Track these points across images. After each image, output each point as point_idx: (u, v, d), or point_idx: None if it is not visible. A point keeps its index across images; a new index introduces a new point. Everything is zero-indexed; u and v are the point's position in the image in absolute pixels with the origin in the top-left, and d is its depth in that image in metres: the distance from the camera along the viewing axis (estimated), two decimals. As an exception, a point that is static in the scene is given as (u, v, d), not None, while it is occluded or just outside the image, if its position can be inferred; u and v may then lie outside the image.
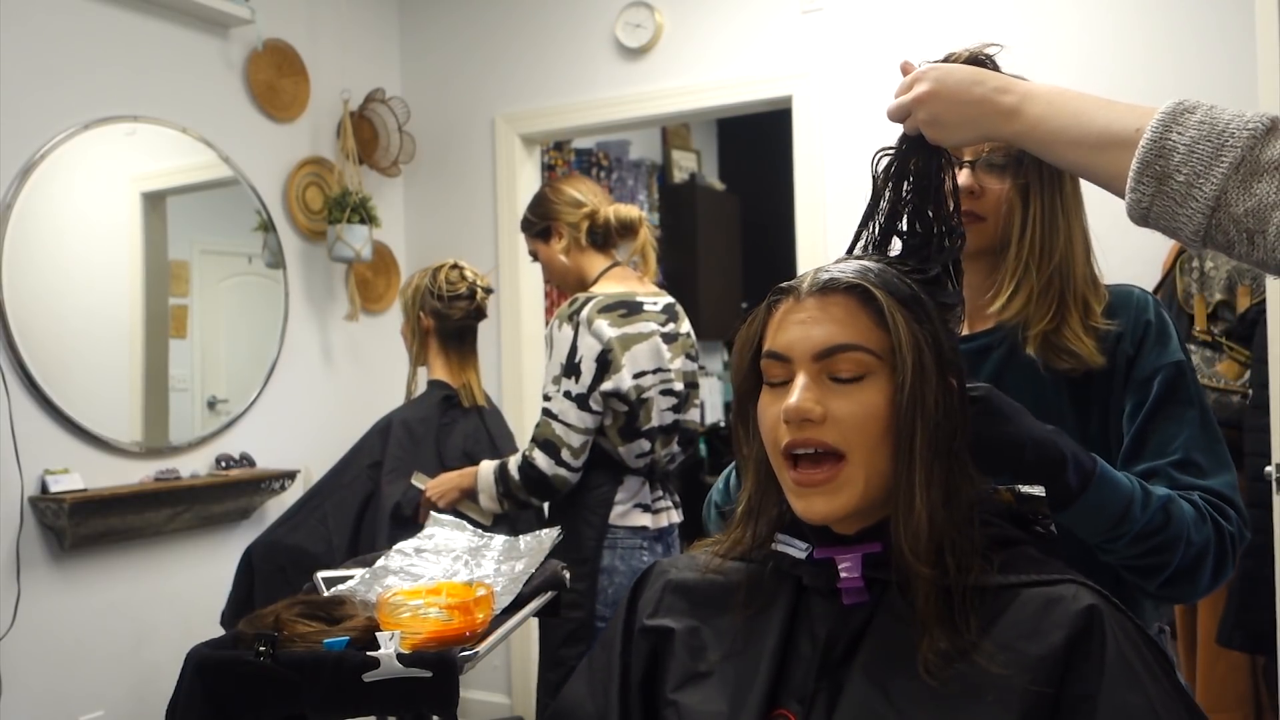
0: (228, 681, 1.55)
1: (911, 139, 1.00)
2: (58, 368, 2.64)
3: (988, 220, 1.19)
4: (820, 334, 0.87)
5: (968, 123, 0.95)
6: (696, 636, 0.94)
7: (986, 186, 1.18)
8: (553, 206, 2.27)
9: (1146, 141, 0.83)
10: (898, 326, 0.86)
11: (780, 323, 0.90)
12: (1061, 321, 1.15)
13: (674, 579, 1.00)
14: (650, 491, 2.21)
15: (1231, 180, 0.79)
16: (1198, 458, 1.12)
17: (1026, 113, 0.92)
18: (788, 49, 3.09)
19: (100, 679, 2.73)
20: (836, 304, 0.88)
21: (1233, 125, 0.80)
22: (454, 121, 3.67)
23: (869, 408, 0.85)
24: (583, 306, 2.12)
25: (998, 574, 0.85)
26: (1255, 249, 0.79)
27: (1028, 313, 1.16)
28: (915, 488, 0.84)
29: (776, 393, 0.89)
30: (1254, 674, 2.37)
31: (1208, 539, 1.06)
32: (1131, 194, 0.84)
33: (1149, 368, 1.15)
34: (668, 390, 2.19)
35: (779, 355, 0.89)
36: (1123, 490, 1.04)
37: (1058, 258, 1.16)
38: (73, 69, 2.71)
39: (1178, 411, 1.13)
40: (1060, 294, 1.16)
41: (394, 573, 1.82)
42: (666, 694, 0.93)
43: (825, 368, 0.87)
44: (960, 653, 0.80)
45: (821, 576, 0.89)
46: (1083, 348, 1.14)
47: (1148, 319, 1.17)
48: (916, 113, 0.98)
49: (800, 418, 0.85)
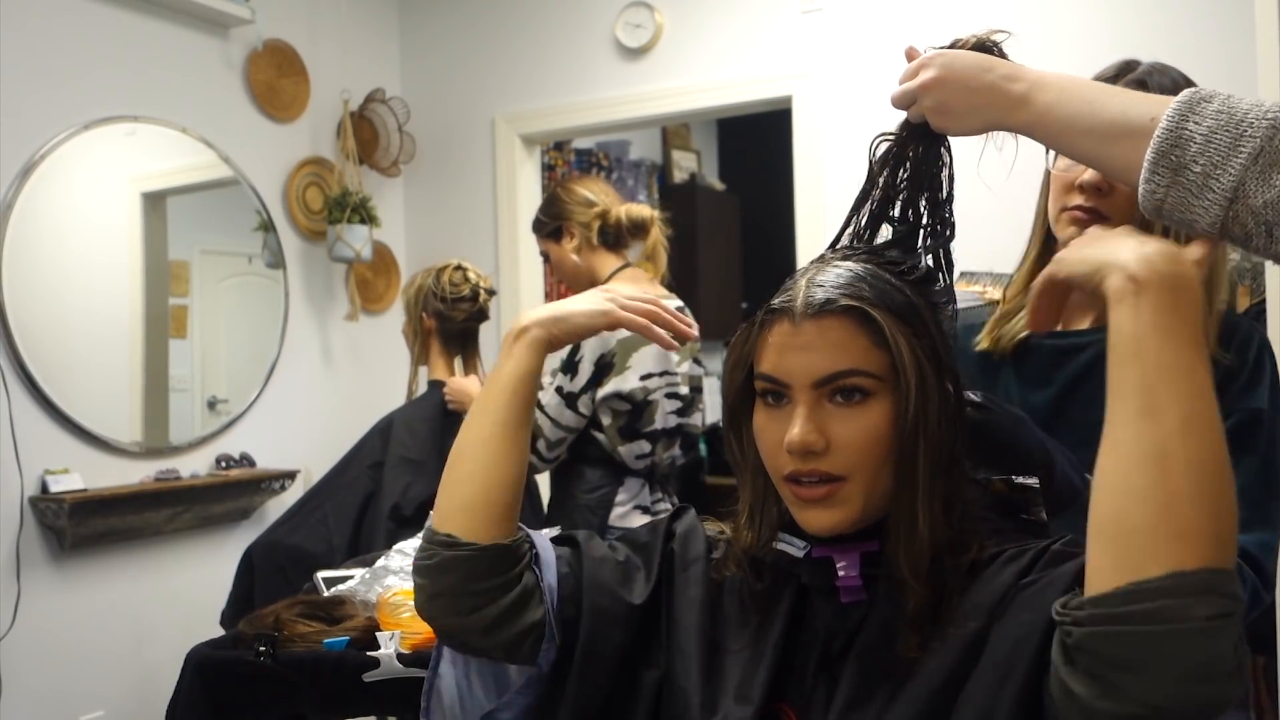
0: (228, 681, 1.55)
1: (914, 126, 0.98)
2: (58, 368, 2.64)
3: (1112, 220, 1.12)
4: (820, 361, 0.85)
5: (975, 110, 0.92)
6: (708, 616, 0.95)
7: (1115, 185, 1.11)
8: (564, 206, 2.27)
9: (1162, 131, 0.80)
10: (900, 348, 0.84)
11: (777, 347, 0.88)
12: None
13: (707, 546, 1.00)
14: (650, 493, 2.21)
15: (1250, 171, 0.76)
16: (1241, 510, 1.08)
17: (1036, 101, 0.89)
18: (787, 49, 3.09)
19: (100, 679, 2.73)
20: (834, 327, 0.86)
21: (1251, 115, 0.78)
22: (454, 121, 3.67)
23: (870, 430, 0.85)
24: None
25: (989, 549, 0.86)
26: (1274, 242, 0.77)
27: None
28: (918, 507, 0.84)
29: (773, 413, 0.88)
30: (1254, 674, 2.37)
31: None
32: (1146, 185, 0.81)
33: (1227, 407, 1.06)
34: (673, 394, 2.19)
35: (777, 380, 0.88)
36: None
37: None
38: (73, 69, 2.71)
39: (1238, 458, 1.05)
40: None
41: (394, 573, 1.82)
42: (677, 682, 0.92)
43: (825, 393, 0.86)
44: (939, 633, 0.81)
45: (819, 575, 0.89)
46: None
47: (1245, 358, 1.11)
48: (922, 99, 0.95)
49: (804, 450, 0.84)
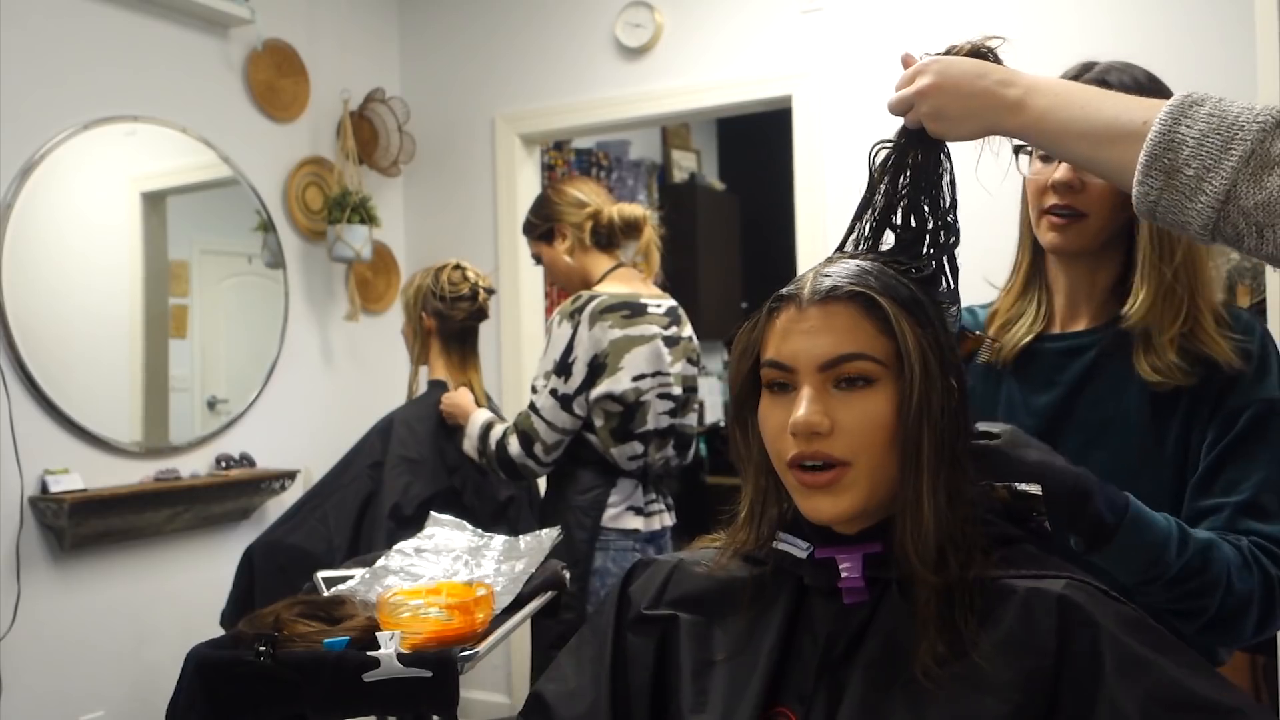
0: (228, 681, 1.55)
1: (912, 132, 0.99)
2: (58, 368, 2.64)
3: (1089, 217, 1.14)
4: (825, 344, 0.86)
5: (971, 115, 0.94)
6: (702, 630, 0.95)
7: (1088, 181, 1.13)
8: (556, 207, 2.26)
9: (1154, 134, 0.82)
10: (904, 334, 0.85)
11: (783, 332, 0.89)
12: (1196, 323, 1.10)
13: (679, 575, 1.00)
14: (643, 494, 2.21)
15: (1242, 174, 0.78)
16: (1266, 501, 1.06)
17: (1032, 106, 0.91)
18: (787, 49, 3.09)
19: (100, 679, 2.73)
20: (840, 312, 0.87)
21: (1242, 118, 0.79)
22: (454, 121, 3.67)
23: (875, 416, 0.85)
24: (585, 305, 2.12)
25: (996, 569, 0.85)
26: (1265, 243, 0.78)
27: (1155, 315, 1.10)
28: (923, 495, 0.84)
29: (779, 400, 0.89)
30: (1254, 674, 2.37)
31: (1251, 588, 1.02)
32: (1139, 187, 0.83)
33: (1240, 400, 1.09)
34: (665, 394, 2.19)
35: (783, 365, 0.88)
36: (1159, 531, 1.00)
37: (1179, 256, 1.11)
38: (73, 69, 2.71)
39: (1259, 451, 1.08)
40: (1191, 293, 1.10)
41: (394, 573, 1.83)
42: (680, 684, 0.93)
43: (830, 377, 0.86)
44: (957, 654, 0.81)
45: (822, 576, 0.89)
46: (1219, 351, 1.08)
47: (1249, 348, 1.11)
48: (919, 106, 0.96)
49: (809, 431, 0.85)
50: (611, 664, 0.97)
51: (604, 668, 0.97)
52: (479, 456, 2.24)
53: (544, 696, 0.99)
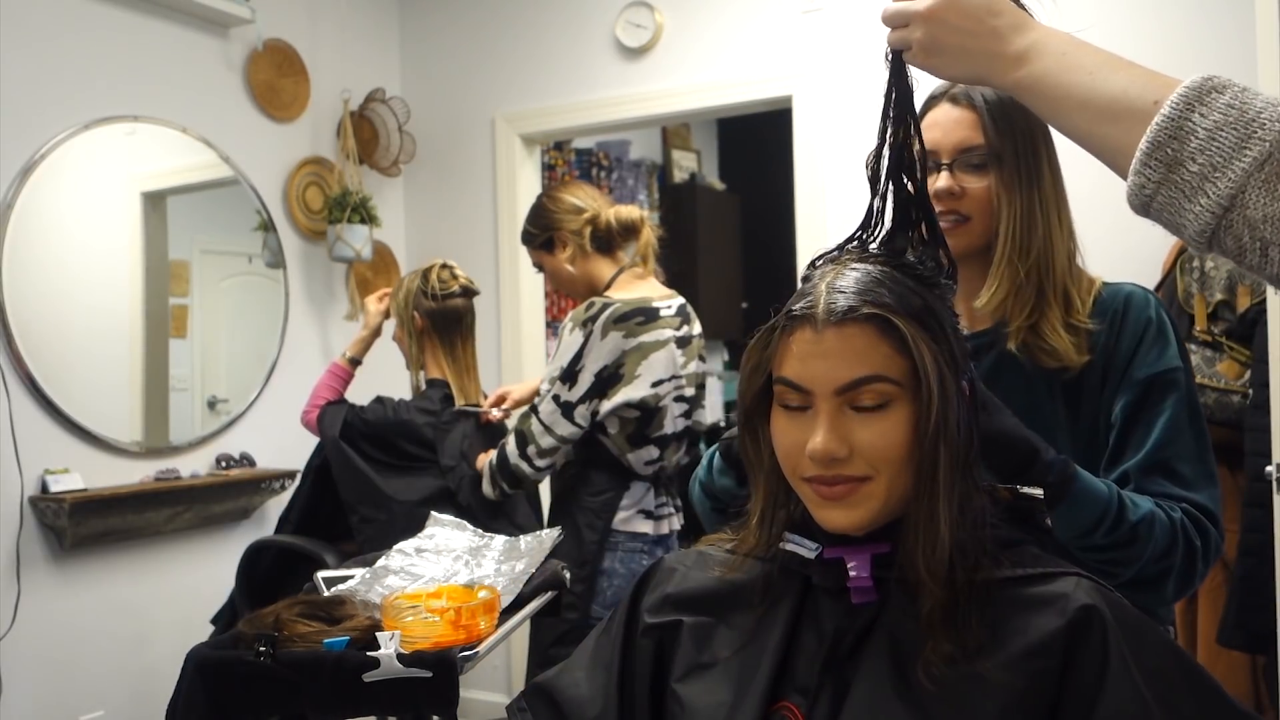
0: (228, 681, 1.55)
1: (892, 60, 0.93)
2: (58, 368, 2.64)
3: (973, 220, 1.19)
4: (843, 368, 0.84)
5: (966, 55, 0.85)
6: (705, 631, 0.95)
7: (967, 187, 1.18)
8: (553, 216, 2.24)
9: (1162, 119, 0.71)
10: (922, 355, 0.84)
11: (799, 354, 0.87)
12: (1040, 317, 1.15)
13: (682, 576, 1.00)
14: (654, 498, 2.21)
15: (1253, 178, 0.67)
16: (1182, 468, 1.11)
17: (1034, 63, 0.82)
18: (787, 49, 3.09)
19: (100, 679, 2.73)
20: (856, 335, 0.85)
21: (1265, 114, 0.67)
22: (454, 121, 3.67)
23: (892, 436, 0.84)
24: (599, 314, 2.09)
25: (1001, 570, 0.85)
26: (1269, 262, 0.67)
27: (1006, 308, 1.16)
28: (939, 512, 0.84)
29: (793, 417, 0.88)
30: (1254, 674, 2.37)
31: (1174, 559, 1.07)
32: (1135, 176, 0.73)
33: (1144, 369, 1.14)
34: (680, 397, 2.20)
35: (799, 387, 0.87)
36: (1100, 496, 1.04)
37: (1035, 254, 1.16)
38: (73, 69, 2.71)
39: (1167, 416, 1.12)
40: (1039, 289, 1.16)
41: (394, 573, 1.82)
42: (671, 684, 0.93)
43: (847, 399, 0.85)
44: (962, 655, 0.81)
45: (830, 576, 0.89)
46: (1060, 343, 1.14)
47: (1148, 317, 1.16)
48: (915, 28, 0.87)
49: (828, 458, 0.84)
50: (620, 666, 0.98)
51: (614, 670, 0.97)
52: (491, 488, 2.21)
53: (554, 695, 0.99)
